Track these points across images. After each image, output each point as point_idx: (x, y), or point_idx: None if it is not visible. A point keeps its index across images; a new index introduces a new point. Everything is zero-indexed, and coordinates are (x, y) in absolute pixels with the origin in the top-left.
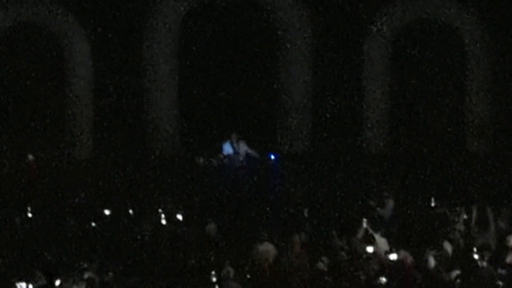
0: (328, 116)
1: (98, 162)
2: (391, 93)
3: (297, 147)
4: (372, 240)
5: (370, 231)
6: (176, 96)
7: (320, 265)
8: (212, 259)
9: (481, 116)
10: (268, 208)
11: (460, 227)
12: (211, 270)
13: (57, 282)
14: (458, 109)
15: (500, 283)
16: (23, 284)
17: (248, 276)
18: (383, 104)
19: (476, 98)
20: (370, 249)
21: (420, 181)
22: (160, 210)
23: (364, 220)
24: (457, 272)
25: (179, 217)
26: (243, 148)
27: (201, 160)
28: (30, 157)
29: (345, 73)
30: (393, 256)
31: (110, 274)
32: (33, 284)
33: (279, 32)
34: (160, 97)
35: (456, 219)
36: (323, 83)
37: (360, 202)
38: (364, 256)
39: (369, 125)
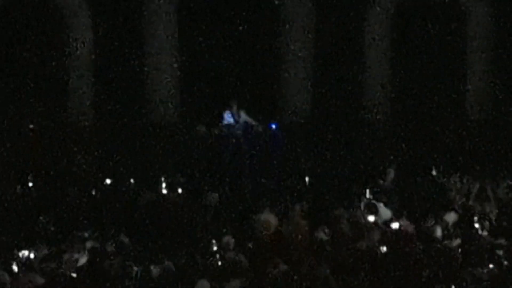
0: (328, 85)
1: (99, 131)
2: (392, 62)
3: (298, 116)
4: (374, 210)
5: (372, 200)
6: (176, 64)
7: (321, 234)
8: (212, 228)
9: (481, 84)
10: (268, 177)
11: (461, 196)
12: (211, 239)
13: (58, 251)
14: (459, 77)
15: (500, 252)
16: (25, 253)
17: (249, 245)
18: (384, 73)
19: (476, 66)
20: (371, 218)
21: (421, 149)
22: (161, 179)
23: (367, 189)
24: (458, 241)
25: (180, 186)
26: (243, 117)
27: (202, 129)
28: (31, 125)
29: (347, 42)
30: (394, 225)
31: (111, 243)
32: (34, 253)
33: (280, 2)
34: (161, 65)
35: (457, 188)
36: (324, 52)
37: (361, 171)
38: (365, 225)
39: (370, 94)
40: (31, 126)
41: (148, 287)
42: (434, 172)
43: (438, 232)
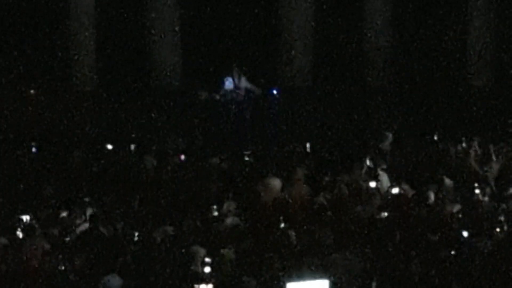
0: (329, 50)
1: (101, 97)
2: (393, 27)
3: (299, 81)
4: (375, 175)
5: (373, 166)
6: (178, 30)
7: (321, 200)
8: (213, 193)
9: (482, 50)
10: (269, 143)
11: (462, 161)
12: (212, 205)
13: (60, 217)
14: (460, 43)
15: (501, 217)
16: (27, 217)
17: (250, 211)
18: (385, 38)
19: (477, 32)
20: (372, 184)
21: (422, 115)
22: (163, 145)
23: (367, 156)
24: (458, 206)
25: (181, 151)
26: (244, 82)
27: (203, 94)
28: (32, 91)
29: (348, 6)
30: (394, 191)
31: (113, 209)
32: (36, 219)
33: None
34: (163, 30)
35: (458, 154)
36: (325, 17)
37: (362, 136)
38: (366, 191)
39: (370, 59)
40: (32, 91)
41: (149, 252)
42: (435, 137)
43: (439, 197)
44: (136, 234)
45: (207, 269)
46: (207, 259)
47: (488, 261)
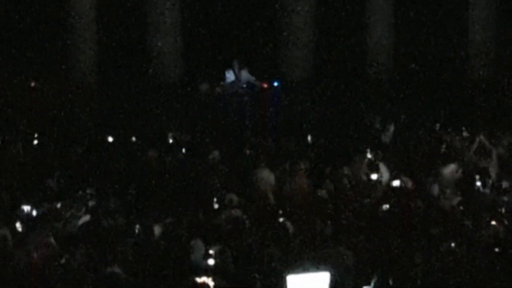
0: (330, 42)
1: (102, 90)
2: (394, 19)
3: (300, 74)
4: (375, 168)
5: (374, 159)
6: (179, 23)
7: (322, 192)
8: (215, 186)
9: (483, 42)
10: (270, 135)
11: (462, 153)
12: (213, 197)
13: (61, 209)
14: (461, 35)
15: (502, 210)
16: (28, 208)
17: (251, 203)
18: (386, 30)
19: (478, 23)
20: (373, 176)
21: (422, 106)
22: (164, 137)
23: (368, 149)
24: (458, 198)
25: (183, 144)
26: (245, 75)
27: (204, 87)
28: (32, 83)
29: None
30: (395, 183)
31: (114, 201)
32: (36, 211)
33: None
34: (164, 23)
35: (458, 145)
36: (326, 9)
37: (363, 128)
38: (367, 183)
39: (372, 51)
40: (33, 84)
41: (150, 245)
42: (435, 129)
43: (439, 189)
44: (137, 226)
45: (209, 262)
46: (208, 252)
47: (489, 254)
